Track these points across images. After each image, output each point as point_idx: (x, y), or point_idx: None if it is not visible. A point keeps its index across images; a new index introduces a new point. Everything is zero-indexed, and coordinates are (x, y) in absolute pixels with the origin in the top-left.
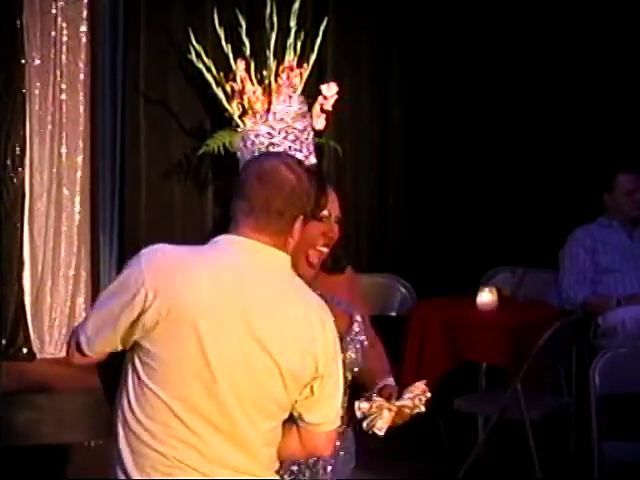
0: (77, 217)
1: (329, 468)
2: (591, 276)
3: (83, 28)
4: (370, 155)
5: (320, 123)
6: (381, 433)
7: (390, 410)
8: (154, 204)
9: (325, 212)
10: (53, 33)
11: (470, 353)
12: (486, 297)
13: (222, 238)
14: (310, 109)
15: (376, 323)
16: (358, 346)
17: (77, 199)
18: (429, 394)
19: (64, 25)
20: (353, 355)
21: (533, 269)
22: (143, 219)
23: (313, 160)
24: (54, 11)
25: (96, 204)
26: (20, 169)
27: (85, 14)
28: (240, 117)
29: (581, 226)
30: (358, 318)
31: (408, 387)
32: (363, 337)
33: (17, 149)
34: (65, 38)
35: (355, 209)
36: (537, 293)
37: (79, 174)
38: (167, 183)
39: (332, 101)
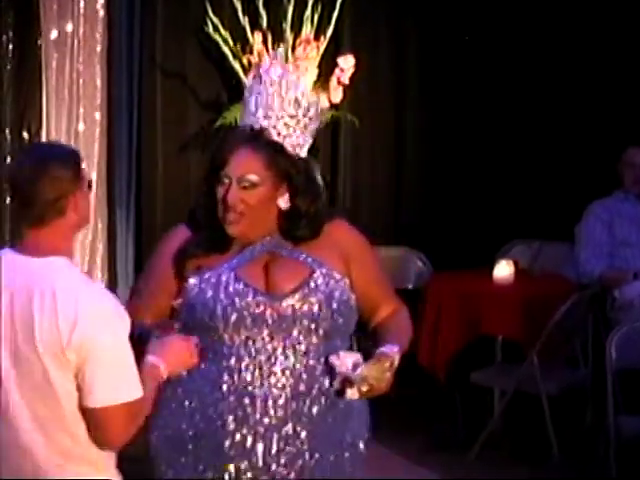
0: (94, 191)
1: (303, 434)
2: (608, 250)
3: (100, 1)
4: (387, 127)
5: (337, 96)
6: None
7: (347, 381)
8: (171, 177)
9: (222, 172)
10: (70, 7)
11: (486, 326)
12: (503, 270)
13: None
14: (327, 82)
15: None
16: (321, 297)
17: (94, 173)
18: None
19: None
20: (312, 306)
21: (550, 242)
22: (160, 192)
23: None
24: None
25: (113, 177)
26: (37, 141)
27: None
28: None
29: (598, 200)
30: (323, 271)
31: (377, 360)
32: (328, 289)
33: (34, 122)
34: (82, 11)
35: (371, 182)
36: (553, 266)
37: (96, 147)
38: (184, 156)
39: (349, 74)
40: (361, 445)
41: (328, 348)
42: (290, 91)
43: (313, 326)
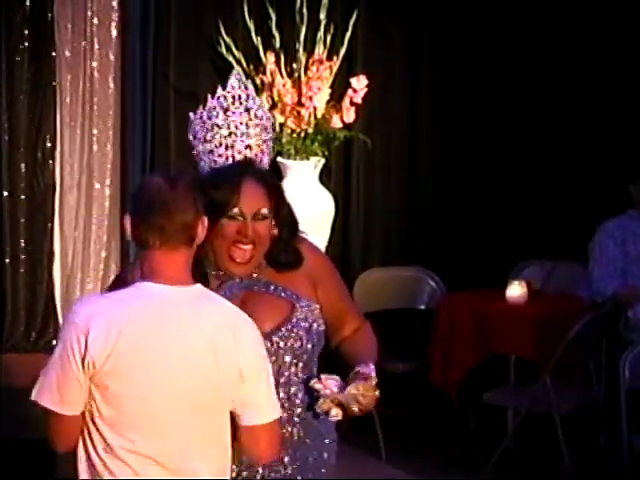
0: (107, 209)
1: (287, 459)
2: (621, 267)
3: (114, 21)
4: (399, 148)
5: (349, 116)
6: (337, 418)
7: (334, 402)
8: None
9: (235, 210)
10: (84, 25)
11: (499, 346)
12: (515, 290)
13: None
14: (340, 102)
15: (405, 316)
16: (302, 332)
17: (107, 191)
18: (371, 397)
19: (95, 17)
20: (295, 342)
21: (563, 262)
22: None
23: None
24: (85, 3)
25: (126, 196)
26: (51, 161)
27: (115, 6)
28: (270, 110)
29: (610, 218)
30: (302, 304)
31: (363, 380)
32: (308, 323)
33: (48, 141)
34: (96, 30)
35: (384, 202)
36: (567, 286)
37: (109, 166)
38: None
39: (362, 94)
40: (333, 459)
41: (305, 374)
42: (261, 118)
43: (295, 360)
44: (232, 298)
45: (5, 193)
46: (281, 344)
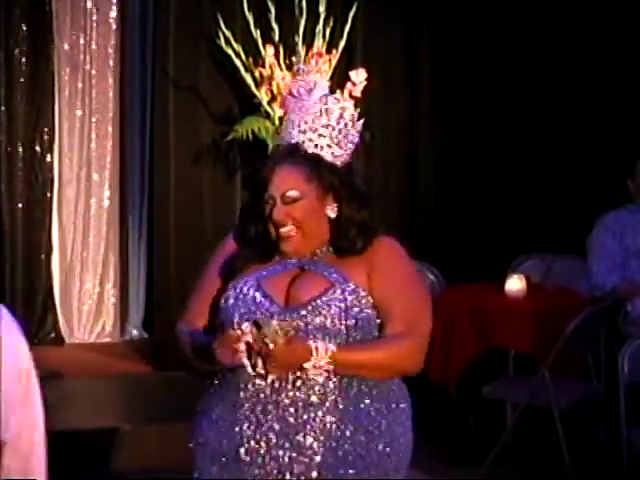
0: (106, 202)
1: (315, 444)
2: (620, 261)
3: (113, 14)
4: (399, 142)
5: None
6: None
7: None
8: (183, 189)
9: (266, 194)
10: (83, 19)
11: (498, 340)
12: (515, 284)
13: None
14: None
15: None
16: (334, 312)
17: (106, 184)
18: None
19: (94, 11)
20: (325, 320)
21: (562, 256)
22: (172, 204)
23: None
24: None
25: (125, 189)
26: (49, 154)
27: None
28: (269, 103)
29: (609, 211)
30: (345, 286)
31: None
32: (345, 304)
33: (46, 135)
34: (95, 24)
35: (384, 196)
36: (566, 280)
37: (108, 159)
38: (196, 168)
39: (361, 87)
40: (387, 461)
41: None
42: (319, 102)
43: (327, 339)
44: (283, 273)
45: (3, 187)
46: (309, 318)
